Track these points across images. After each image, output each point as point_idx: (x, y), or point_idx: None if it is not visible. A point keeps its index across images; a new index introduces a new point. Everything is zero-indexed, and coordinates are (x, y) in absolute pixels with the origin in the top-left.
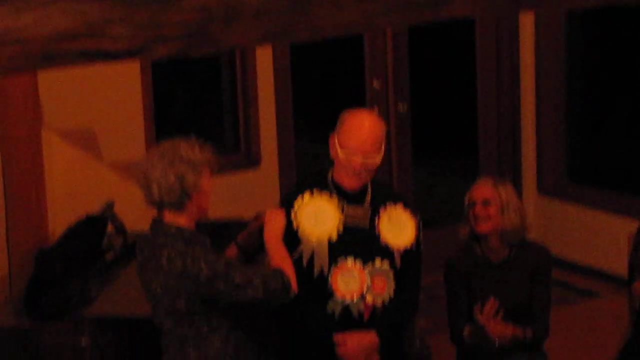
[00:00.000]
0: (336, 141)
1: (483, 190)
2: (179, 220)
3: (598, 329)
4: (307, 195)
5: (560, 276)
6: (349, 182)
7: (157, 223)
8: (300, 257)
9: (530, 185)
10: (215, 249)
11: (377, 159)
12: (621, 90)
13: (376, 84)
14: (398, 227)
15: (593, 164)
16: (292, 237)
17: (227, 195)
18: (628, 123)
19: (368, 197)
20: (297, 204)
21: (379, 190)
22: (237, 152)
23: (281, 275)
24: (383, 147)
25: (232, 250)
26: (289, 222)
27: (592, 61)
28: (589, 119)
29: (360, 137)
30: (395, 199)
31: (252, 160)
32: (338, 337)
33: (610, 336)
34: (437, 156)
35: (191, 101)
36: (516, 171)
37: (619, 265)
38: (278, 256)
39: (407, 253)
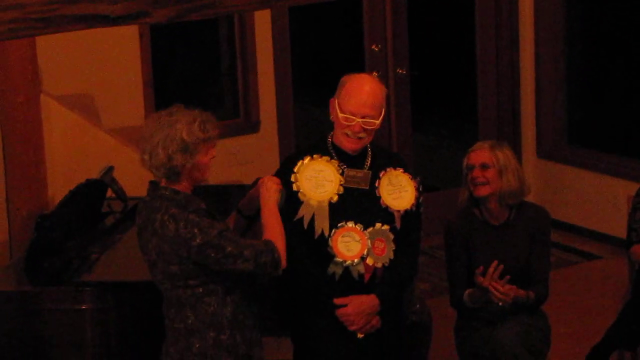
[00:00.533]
0: (336, 104)
1: (481, 154)
2: (174, 185)
3: (598, 291)
4: (307, 159)
5: (559, 239)
6: (349, 145)
7: (153, 186)
8: (301, 220)
9: (530, 149)
10: (211, 213)
11: (377, 121)
12: (620, 53)
13: (375, 47)
14: (398, 190)
15: (592, 127)
16: (292, 200)
17: (226, 160)
18: (627, 86)
19: (368, 161)
20: (298, 167)
21: (379, 154)
22: (236, 117)
23: (272, 249)
24: (383, 111)
25: (234, 218)
26: (290, 185)
27: (591, 24)
28: (587, 82)
29: (360, 100)
30: (395, 162)
31: (251, 125)
32: (339, 300)
33: (609, 297)
34: (436, 120)
35: (190, 66)
36: (515, 135)
37: (618, 228)
38: (272, 228)
39: (406, 215)
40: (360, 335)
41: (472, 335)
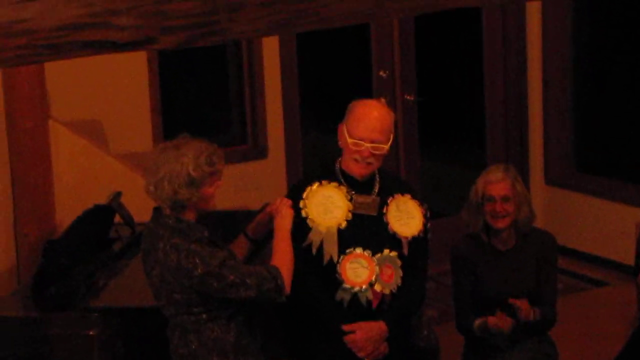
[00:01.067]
0: (345, 130)
1: (503, 186)
2: (178, 214)
3: (606, 318)
4: (315, 185)
5: (567, 265)
6: (358, 171)
7: (157, 212)
8: (310, 246)
9: (538, 176)
10: (213, 241)
11: (386, 147)
12: (629, 80)
13: (383, 73)
14: (406, 217)
15: (600, 153)
16: (301, 226)
17: (234, 185)
18: (636, 112)
19: (376, 187)
20: (306, 193)
21: (387, 180)
22: (244, 143)
23: (276, 276)
24: (392, 136)
25: (240, 240)
26: (298, 211)
27: (600, 50)
28: (596, 109)
29: (368, 125)
30: (403, 188)
31: (259, 151)
32: (347, 327)
33: (618, 325)
34: (444, 146)
35: (198, 92)
36: (523, 161)
37: (627, 255)
38: (282, 254)
39: (414, 242)
40: None
41: None
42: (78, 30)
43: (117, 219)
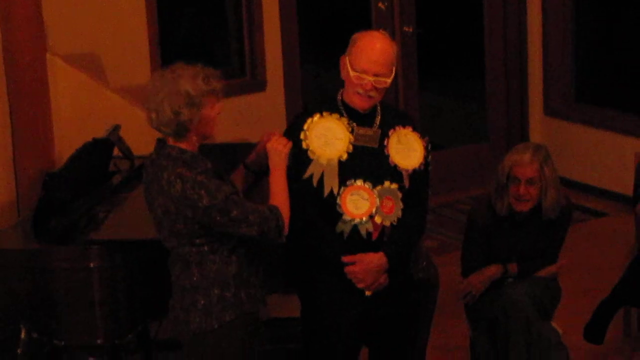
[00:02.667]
0: (347, 62)
1: (529, 169)
2: (181, 144)
3: (605, 248)
4: (316, 116)
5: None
6: (360, 103)
7: (160, 143)
8: (310, 178)
9: (537, 106)
10: (218, 173)
11: (388, 79)
12: (629, 8)
13: (382, 5)
14: (407, 149)
15: (600, 84)
16: (302, 158)
17: (233, 118)
18: (636, 42)
19: (377, 119)
20: (307, 124)
21: (389, 113)
22: (243, 76)
23: (277, 216)
24: (394, 69)
25: (240, 171)
26: (299, 143)
27: None
28: (596, 38)
29: (371, 57)
30: (404, 121)
31: (258, 84)
32: (347, 258)
33: (617, 254)
34: (443, 78)
35: (196, 25)
36: (522, 93)
37: (626, 185)
38: (279, 194)
39: (415, 174)
40: (368, 293)
41: (480, 294)
42: None
43: (116, 152)
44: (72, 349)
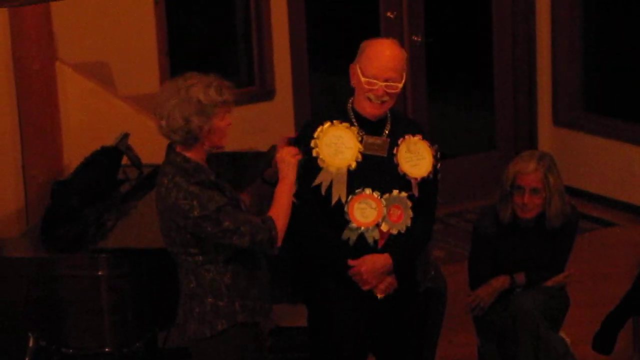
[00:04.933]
0: (358, 69)
1: (533, 178)
2: (189, 152)
3: (614, 257)
4: (327, 124)
5: (577, 206)
6: (371, 110)
7: (169, 149)
8: (319, 186)
9: (546, 116)
10: (219, 185)
11: (399, 85)
12: (637, 19)
13: (391, 14)
14: (416, 158)
15: (608, 93)
16: (312, 165)
17: (241, 127)
18: None
19: (387, 128)
20: (318, 132)
21: (398, 121)
22: (251, 85)
23: (270, 227)
24: (404, 74)
25: (261, 187)
26: (309, 150)
27: None
28: (604, 48)
29: (381, 63)
30: (414, 129)
31: (266, 93)
32: (352, 261)
33: (626, 264)
34: (452, 87)
35: (205, 33)
36: (532, 102)
37: (635, 195)
38: (280, 205)
39: (423, 182)
40: (380, 296)
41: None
42: None
43: (125, 160)
44: (81, 357)
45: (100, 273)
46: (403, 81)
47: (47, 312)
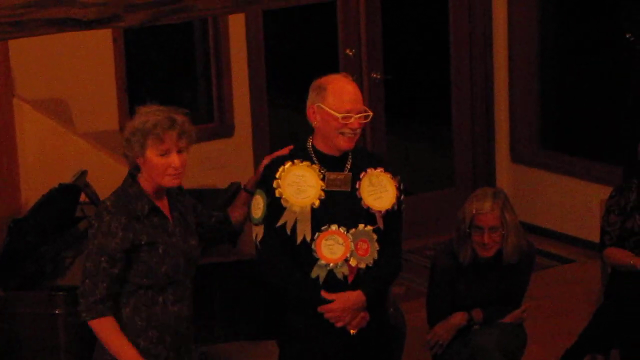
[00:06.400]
0: (325, 108)
1: (491, 217)
2: (143, 184)
3: (571, 294)
4: (288, 164)
5: (534, 243)
6: (346, 144)
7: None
8: (284, 225)
9: (504, 153)
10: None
11: (371, 113)
12: (594, 59)
13: (349, 52)
14: (379, 190)
15: (565, 131)
16: (276, 206)
17: (200, 164)
18: (600, 91)
19: (349, 163)
20: (279, 172)
21: (359, 155)
22: (210, 122)
23: (84, 298)
24: None
25: (242, 197)
26: (272, 191)
27: (564, 30)
28: (561, 87)
29: (351, 97)
30: (374, 162)
31: (225, 129)
32: (325, 294)
33: (583, 301)
34: (411, 124)
35: (164, 70)
36: (489, 139)
37: (592, 231)
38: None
39: (388, 215)
40: (352, 332)
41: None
42: (41, 8)
43: (83, 197)
44: None
45: (57, 311)
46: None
47: (4, 349)
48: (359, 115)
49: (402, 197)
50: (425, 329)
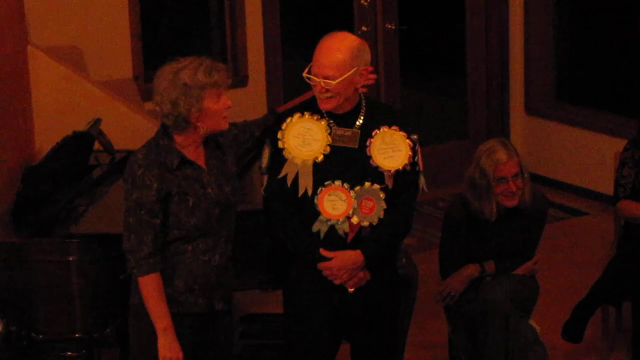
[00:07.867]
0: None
1: (511, 165)
2: (181, 135)
3: (584, 246)
4: (296, 116)
5: (548, 195)
6: (321, 105)
7: (158, 130)
8: (285, 177)
9: (518, 105)
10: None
11: (334, 82)
12: (609, 9)
13: (364, 1)
14: (391, 150)
15: (580, 83)
16: (278, 157)
17: None
18: (616, 43)
19: (360, 119)
20: (285, 124)
21: (375, 111)
22: None
23: (137, 265)
24: (353, 71)
25: (269, 118)
26: (275, 142)
27: None
28: (578, 38)
29: (319, 60)
30: (390, 120)
31: (239, 79)
32: (324, 251)
33: (596, 253)
34: (425, 75)
35: (178, 19)
36: (504, 91)
37: (605, 184)
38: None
39: (400, 174)
40: (350, 290)
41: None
42: None
43: (97, 145)
44: (50, 342)
45: (70, 258)
46: (342, 78)
47: (18, 297)
48: (323, 80)
49: (417, 158)
50: (437, 280)
